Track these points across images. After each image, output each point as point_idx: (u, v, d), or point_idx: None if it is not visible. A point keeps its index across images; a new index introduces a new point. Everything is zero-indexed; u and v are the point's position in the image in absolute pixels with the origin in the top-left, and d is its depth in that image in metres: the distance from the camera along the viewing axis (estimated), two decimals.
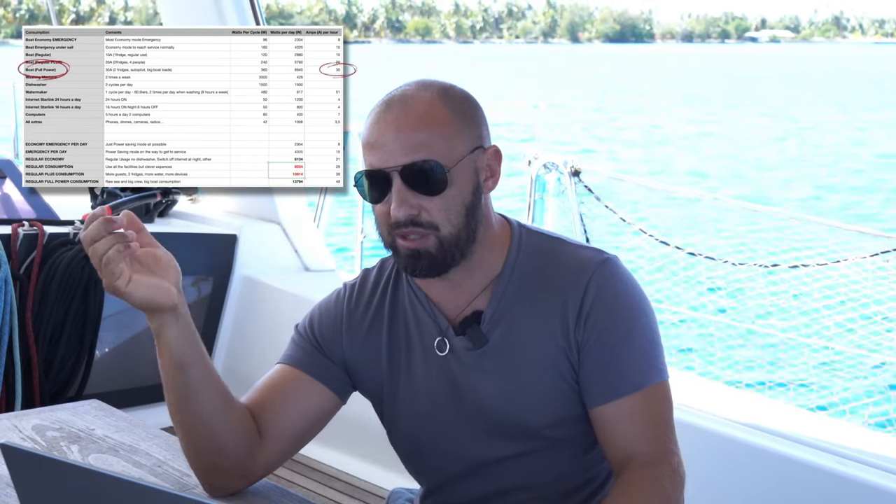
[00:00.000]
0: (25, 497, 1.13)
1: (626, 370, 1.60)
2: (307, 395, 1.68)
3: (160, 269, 1.54)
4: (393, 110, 1.61)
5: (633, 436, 1.59)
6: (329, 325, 1.73)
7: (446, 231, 1.59)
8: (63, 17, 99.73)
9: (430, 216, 1.58)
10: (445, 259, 1.60)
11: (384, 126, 1.60)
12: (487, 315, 1.65)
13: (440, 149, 1.58)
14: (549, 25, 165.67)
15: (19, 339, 3.40)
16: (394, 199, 1.57)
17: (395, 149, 1.57)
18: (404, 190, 1.57)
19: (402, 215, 1.57)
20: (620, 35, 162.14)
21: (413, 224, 1.58)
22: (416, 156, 1.57)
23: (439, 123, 1.60)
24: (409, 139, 1.58)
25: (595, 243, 4.14)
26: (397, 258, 1.63)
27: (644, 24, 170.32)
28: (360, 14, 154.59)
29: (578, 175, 4.30)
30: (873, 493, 2.53)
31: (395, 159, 1.57)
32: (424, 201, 1.58)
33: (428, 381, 1.67)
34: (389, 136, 1.58)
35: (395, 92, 1.64)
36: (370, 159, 1.60)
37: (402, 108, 1.60)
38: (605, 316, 1.61)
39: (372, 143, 1.60)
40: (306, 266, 4.23)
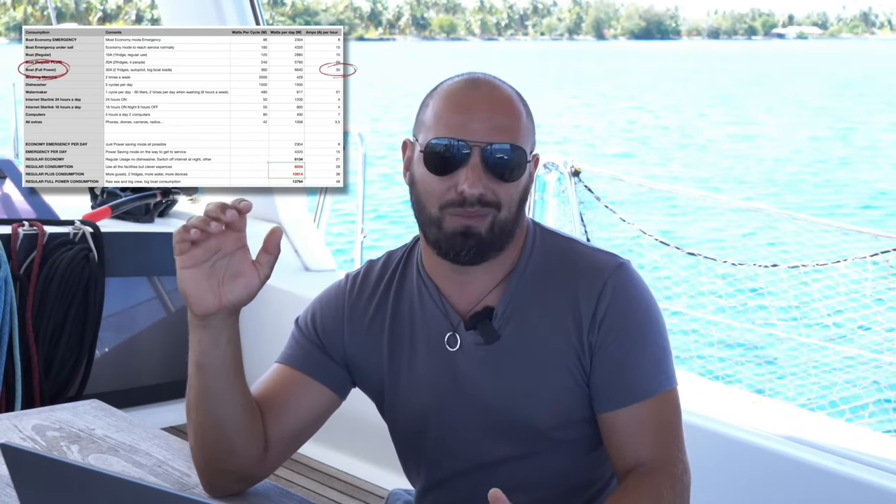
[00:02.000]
0: (25, 497, 1.13)
1: (637, 377, 1.60)
2: (306, 395, 1.68)
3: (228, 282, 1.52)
4: (482, 90, 1.60)
5: (639, 444, 1.59)
6: (330, 317, 1.72)
7: (504, 214, 1.58)
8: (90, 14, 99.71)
9: (496, 196, 1.57)
10: (494, 243, 1.59)
11: (474, 101, 1.58)
12: (499, 311, 1.64)
13: (521, 139, 1.59)
14: (575, 22, 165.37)
15: (19, 339, 3.40)
16: (470, 174, 1.55)
17: (484, 125, 1.56)
18: (480, 168, 1.55)
19: (477, 192, 1.55)
20: (646, 32, 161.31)
21: (479, 203, 1.56)
22: (504, 138, 1.56)
23: (521, 116, 1.61)
24: (498, 121, 1.57)
25: (595, 243, 4.13)
26: (439, 236, 1.59)
27: (670, 20, 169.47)
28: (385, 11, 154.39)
29: (578, 175, 4.30)
30: (873, 493, 2.53)
31: (482, 135, 1.56)
32: (494, 185, 1.57)
33: (431, 375, 1.67)
34: (480, 112, 1.57)
35: (476, 74, 1.63)
36: (448, 131, 1.57)
37: (492, 90, 1.60)
38: (619, 321, 1.60)
39: (458, 116, 1.57)
40: (306, 266, 4.23)
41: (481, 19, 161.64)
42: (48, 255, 3.52)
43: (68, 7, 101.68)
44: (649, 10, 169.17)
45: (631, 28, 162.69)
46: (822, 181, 21.50)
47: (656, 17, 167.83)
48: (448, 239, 1.58)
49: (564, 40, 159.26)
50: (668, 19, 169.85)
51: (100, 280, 3.57)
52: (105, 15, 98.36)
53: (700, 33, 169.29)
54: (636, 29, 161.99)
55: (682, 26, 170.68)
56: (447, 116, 1.57)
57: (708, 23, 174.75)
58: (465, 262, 1.60)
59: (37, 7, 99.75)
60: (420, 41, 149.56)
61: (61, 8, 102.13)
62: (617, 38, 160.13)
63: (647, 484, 1.55)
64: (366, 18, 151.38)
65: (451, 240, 1.58)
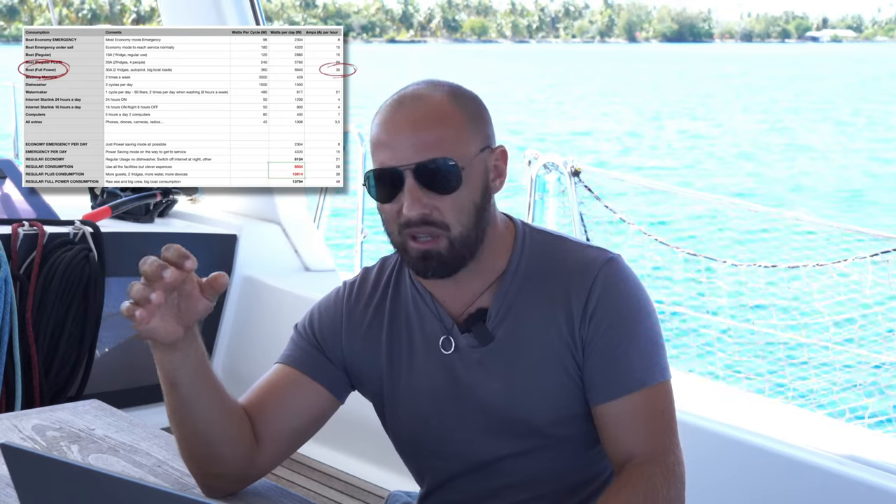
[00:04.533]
0: (25, 497, 1.13)
1: (629, 368, 1.60)
2: (304, 395, 1.68)
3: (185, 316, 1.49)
4: (405, 108, 1.59)
5: (633, 435, 1.59)
6: (329, 323, 1.73)
7: (457, 231, 1.58)
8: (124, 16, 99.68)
9: (442, 216, 1.57)
10: (456, 260, 1.60)
11: (397, 124, 1.58)
12: (492, 312, 1.65)
13: (453, 148, 1.58)
14: (607, 25, 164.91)
15: (19, 339, 3.40)
16: (406, 197, 1.56)
17: (409, 147, 1.56)
18: (417, 189, 1.56)
19: (415, 214, 1.56)
20: (678, 35, 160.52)
21: (425, 223, 1.57)
22: (431, 154, 1.56)
23: (452, 122, 1.59)
24: (422, 137, 1.56)
25: (595, 243, 4.13)
26: (407, 259, 1.62)
27: (703, 23, 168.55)
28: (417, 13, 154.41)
29: (578, 175, 4.30)
30: (873, 493, 2.53)
31: (408, 157, 1.56)
32: (436, 201, 1.57)
33: (430, 379, 1.67)
34: (403, 134, 1.57)
35: (406, 90, 1.63)
36: (381, 158, 1.58)
37: (415, 106, 1.59)
38: (610, 314, 1.61)
39: (384, 142, 1.58)
40: (306, 266, 4.23)
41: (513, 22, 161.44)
42: (48, 255, 3.52)
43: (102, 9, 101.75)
44: (682, 13, 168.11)
45: (663, 31, 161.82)
46: None
47: (689, 20, 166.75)
48: (412, 263, 1.61)
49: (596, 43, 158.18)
50: (701, 22, 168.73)
51: (100, 280, 3.56)
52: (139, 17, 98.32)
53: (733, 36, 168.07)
54: (668, 32, 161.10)
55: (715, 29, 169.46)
56: (377, 145, 1.59)
57: (741, 26, 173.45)
58: (437, 278, 1.62)
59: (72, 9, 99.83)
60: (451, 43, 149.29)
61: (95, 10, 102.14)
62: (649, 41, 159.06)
63: (641, 477, 1.56)
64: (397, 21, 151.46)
65: (416, 262, 1.60)
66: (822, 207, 17.90)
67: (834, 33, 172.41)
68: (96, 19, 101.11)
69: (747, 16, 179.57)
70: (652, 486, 1.55)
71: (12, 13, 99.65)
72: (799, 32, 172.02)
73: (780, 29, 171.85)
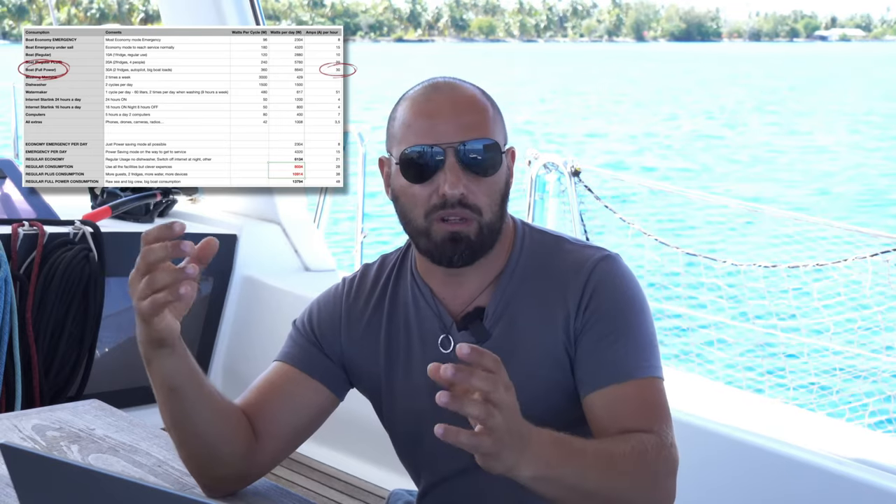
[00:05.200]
0: (25, 497, 1.13)
1: (620, 360, 1.58)
2: (304, 393, 1.68)
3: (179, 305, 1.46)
4: (442, 92, 1.61)
5: (623, 418, 1.55)
6: (327, 320, 1.73)
7: (488, 217, 1.60)
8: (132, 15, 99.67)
9: (477, 199, 1.58)
10: (483, 245, 1.61)
11: (437, 105, 1.59)
12: (490, 311, 1.65)
13: (492, 133, 1.60)
14: (615, 24, 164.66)
15: (19, 339, 3.40)
16: (448, 176, 1.56)
17: (452, 127, 1.57)
18: (458, 168, 1.57)
19: (457, 192, 1.56)
20: (686, 34, 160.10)
21: (461, 204, 1.57)
22: (475, 135, 1.58)
23: (488, 111, 1.62)
24: (465, 119, 1.58)
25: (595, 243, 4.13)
26: (429, 245, 1.61)
27: (711, 22, 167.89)
28: (425, 13, 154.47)
29: (578, 175, 4.31)
30: (873, 493, 2.53)
31: (452, 136, 1.57)
32: (473, 183, 1.58)
33: (427, 377, 1.67)
34: (444, 114, 1.58)
35: (436, 79, 1.65)
36: (418, 138, 1.58)
37: (452, 91, 1.62)
38: (602, 307, 1.61)
39: (423, 122, 1.59)
40: (306, 266, 4.24)
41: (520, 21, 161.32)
42: (48, 255, 3.52)
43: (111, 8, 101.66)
44: (690, 12, 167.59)
45: (671, 30, 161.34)
46: None
47: (697, 19, 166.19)
48: (438, 247, 1.60)
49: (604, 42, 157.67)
50: (709, 21, 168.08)
51: (100, 280, 3.56)
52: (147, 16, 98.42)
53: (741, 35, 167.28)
54: (676, 31, 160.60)
55: (723, 28, 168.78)
56: (415, 124, 1.59)
57: (749, 25, 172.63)
58: (458, 265, 1.62)
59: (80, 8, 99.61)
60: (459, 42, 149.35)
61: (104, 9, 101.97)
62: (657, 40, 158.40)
63: (632, 437, 1.51)
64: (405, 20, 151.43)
65: (442, 247, 1.60)
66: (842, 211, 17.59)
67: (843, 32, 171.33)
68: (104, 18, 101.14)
69: (755, 15, 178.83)
70: (642, 448, 1.49)
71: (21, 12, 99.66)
72: (807, 31, 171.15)
73: (788, 28, 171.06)
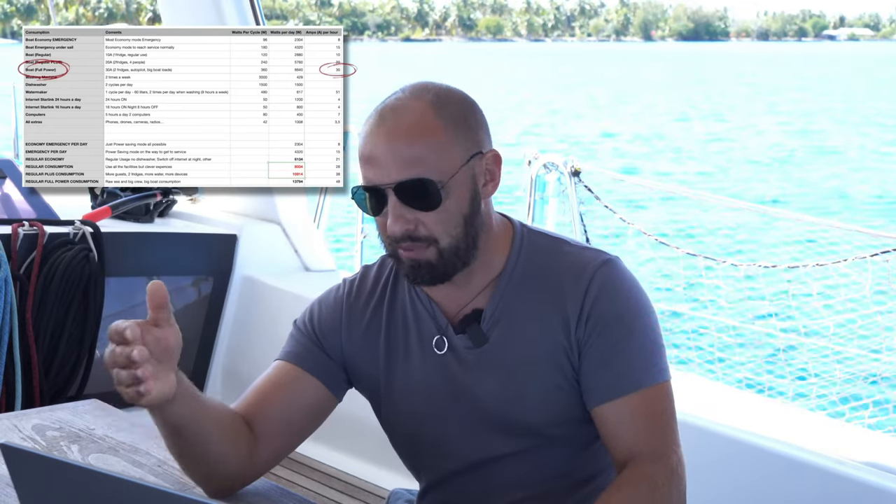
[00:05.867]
0: (25, 497, 1.13)
1: (627, 369, 1.60)
2: (304, 391, 1.68)
3: (168, 358, 1.46)
4: (385, 122, 1.58)
5: (633, 435, 1.59)
6: (328, 320, 1.73)
7: (445, 242, 1.58)
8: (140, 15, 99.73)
9: (428, 230, 1.57)
10: (447, 268, 1.60)
11: (377, 139, 1.57)
12: (488, 313, 1.65)
13: (434, 162, 1.56)
14: (622, 23, 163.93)
15: (19, 339, 3.40)
16: (389, 215, 1.56)
17: (389, 164, 1.55)
18: (399, 206, 1.56)
19: (399, 231, 1.57)
20: (694, 33, 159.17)
21: (410, 239, 1.57)
22: (410, 173, 1.55)
23: (432, 135, 1.56)
24: (401, 154, 1.55)
25: (595, 243, 4.14)
26: (400, 267, 1.63)
27: (719, 21, 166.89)
28: (432, 12, 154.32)
29: (578, 175, 4.30)
30: (873, 493, 2.53)
31: (389, 175, 1.55)
32: (421, 216, 1.57)
33: (426, 379, 1.68)
34: (382, 150, 1.56)
35: (389, 101, 1.61)
36: (366, 173, 1.59)
37: (395, 120, 1.57)
38: (606, 315, 1.61)
39: (367, 157, 1.58)
40: (306, 266, 4.23)
41: (528, 20, 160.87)
42: (48, 255, 3.52)
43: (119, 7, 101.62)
44: (698, 12, 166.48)
45: (679, 29, 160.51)
46: None
47: (705, 19, 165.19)
48: (405, 271, 1.62)
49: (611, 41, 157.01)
50: (717, 21, 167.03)
51: (100, 280, 3.56)
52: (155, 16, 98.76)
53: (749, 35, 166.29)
54: (684, 30, 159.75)
55: (731, 28, 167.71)
56: (361, 159, 1.59)
57: (757, 24, 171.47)
58: (430, 285, 1.63)
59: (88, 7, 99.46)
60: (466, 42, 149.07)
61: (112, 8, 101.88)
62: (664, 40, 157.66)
63: (643, 476, 1.56)
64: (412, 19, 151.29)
65: (408, 272, 1.61)
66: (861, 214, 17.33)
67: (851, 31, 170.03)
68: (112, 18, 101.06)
69: (763, 14, 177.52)
70: (654, 485, 1.55)
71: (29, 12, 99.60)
72: (816, 31, 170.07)
73: (796, 27, 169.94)
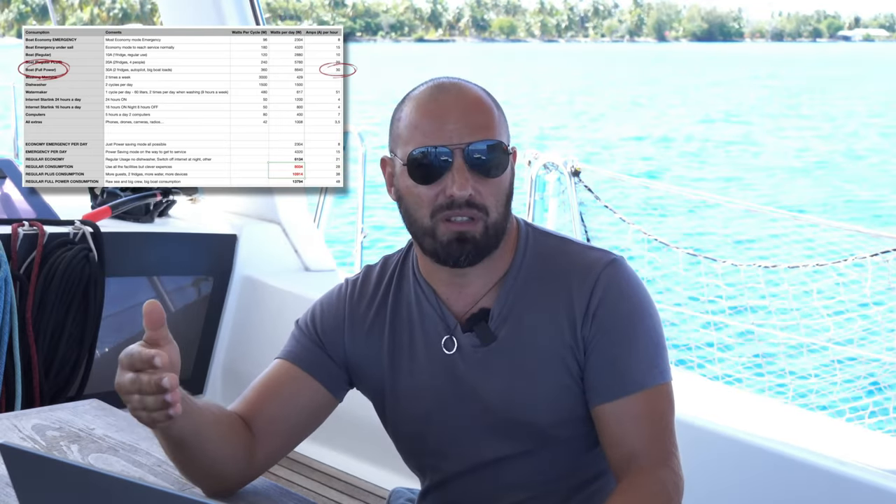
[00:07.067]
0: (25, 497, 1.13)
1: (630, 369, 1.61)
2: (303, 392, 1.68)
3: None
4: (449, 93, 1.61)
5: (634, 437, 1.59)
6: (331, 321, 1.73)
7: (494, 217, 1.60)
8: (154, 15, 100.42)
9: (483, 199, 1.58)
10: (489, 245, 1.61)
11: (443, 106, 1.59)
12: (495, 312, 1.65)
13: (500, 132, 1.61)
14: (636, 24, 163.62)
15: (19, 339, 3.40)
16: (456, 177, 1.56)
17: (459, 127, 1.57)
18: (465, 169, 1.57)
19: (465, 194, 1.57)
20: (708, 34, 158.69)
21: (469, 205, 1.58)
22: (481, 136, 1.58)
23: (494, 112, 1.62)
24: (472, 119, 1.58)
25: (595, 243, 4.13)
26: (434, 246, 1.61)
27: (733, 22, 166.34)
28: (446, 13, 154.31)
29: (578, 175, 4.30)
30: (873, 493, 2.53)
31: (461, 137, 1.57)
32: (479, 184, 1.58)
33: (431, 378, 1.67)
34: (451, 115, 1.58)
35: (440, 79, 1.64)
36: (425, 139, 1.58)
37: (459, 91, 1.61)
38: (611, 315, 1.61)
39: (430, 123, 1.58)
40: (306, 266, 4.24)
41: (541, 21, 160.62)
42: (48, 255, 3.52)
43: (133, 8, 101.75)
44: (712, 12, 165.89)
45: (693, 30, 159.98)
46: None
47: (719, 19, 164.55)
48: (444, 247, 1.60)
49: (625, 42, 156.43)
50: (731, 21, 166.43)
51: (100, 280, 3.56)
52: None
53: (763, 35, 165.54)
54: (698, 31, 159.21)
55: (746, 28, 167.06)
56: (422, 125, 1.59)
57: (772, 25, 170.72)
58: (464, 265, 1.62)
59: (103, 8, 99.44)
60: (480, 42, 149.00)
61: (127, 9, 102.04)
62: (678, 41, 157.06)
63: (653, 482, 1.56)
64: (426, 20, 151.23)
65: (448, 247, 1.60)
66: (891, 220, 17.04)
67: (866, 32, 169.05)
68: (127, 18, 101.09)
69: (778, 15, 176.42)
70: (665, 492, 1.55)
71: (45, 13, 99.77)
72: (830, 31, 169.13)
73: (811, 28, 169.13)
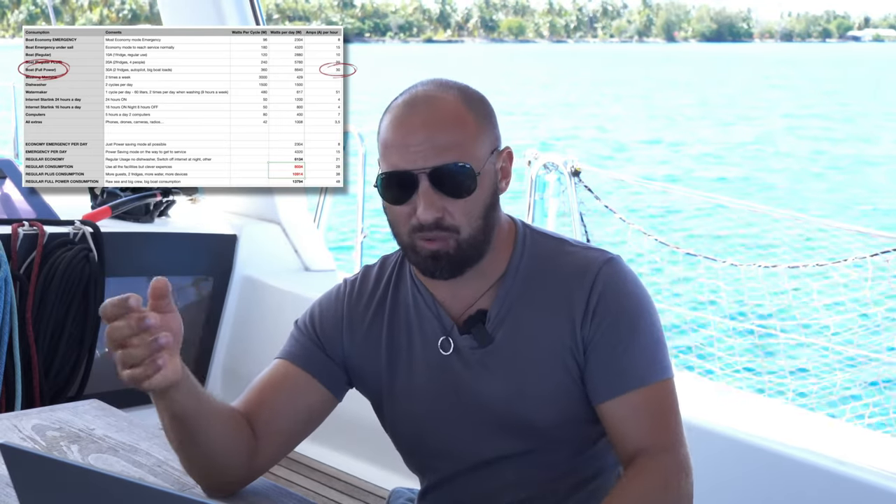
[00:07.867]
0: (25, 497, 1.13)
1: (631, 366, 1.61)
2: (303, 392, 1.68)
3: (172, 344, 1.45)
4: (419, 111, 1.58)
5: (639, 430, 1.60)
6: (329, 321, 1.73)
7: (466, 234, 1.59)
8: None
9: (453, 219, 1.58)
10: (463, 260, 1.61)
11: (410, 126, 1.57)
12: (492, 314, 1.65)
13: (468, 151, 1.58)
14: (645, 24, 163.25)
15: (19, 339, 3.40)
16: (421, 201, 1.56)
17: (425, 150, 1.55)
18: (431, 192, 1.56)
19: (430, 218, 1.56)
20: (717, 34, 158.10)
21: (437, 227, 1.57)
22: (446, 158, 1.55)
23: (465, 125, 1.59)
24: (438, 140, 1.56)
25: (595, 243, 4.13)
26: (415, 259, 1.62)
27: (742, 22, 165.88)
28: (454, 13, 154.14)
29: (578, 175, 4.30)
30: (873, 493, 2.53)
31: (424, 161, 1.55)
32: (449, 204, 1.57)
33: (428, 379, 1.68)
34: (417, 136, 1.56)
35: (416, 91, 1.62)
36: (394, 160, 1.57)
37: (429, 108, 1.58)
38: (610, 313, 1.61)
39: (397, 144, 1.57)
40: (306, 266, 4.24)
41: (550, 21, 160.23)
42: (48, 255, 3.52)
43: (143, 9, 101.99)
44: (721, 13, 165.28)
45: (702, 30, 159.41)
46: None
47: (728, 20, 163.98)
48: (422, 262, 1.61)
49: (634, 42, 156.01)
50: (741, 21, 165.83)
51: (100, 280, 3.56)
52: None
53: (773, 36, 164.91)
54: (707, 31, 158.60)
55: (755, 29, 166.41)
56: (391, 144, 1.58)
57: (781, 25, 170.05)
58: (445, 278, 1.62)
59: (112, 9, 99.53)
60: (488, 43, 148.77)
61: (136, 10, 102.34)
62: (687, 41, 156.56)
63: (653, 468, 1.56)
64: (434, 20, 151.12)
65: (424, 263, 1.60)
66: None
67: (876, 33, 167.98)
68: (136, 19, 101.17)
69: (787, 15, 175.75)
70: (663, 477, 1.56)
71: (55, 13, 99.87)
72: (840, 32, 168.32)
73: (820, 28, 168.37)
